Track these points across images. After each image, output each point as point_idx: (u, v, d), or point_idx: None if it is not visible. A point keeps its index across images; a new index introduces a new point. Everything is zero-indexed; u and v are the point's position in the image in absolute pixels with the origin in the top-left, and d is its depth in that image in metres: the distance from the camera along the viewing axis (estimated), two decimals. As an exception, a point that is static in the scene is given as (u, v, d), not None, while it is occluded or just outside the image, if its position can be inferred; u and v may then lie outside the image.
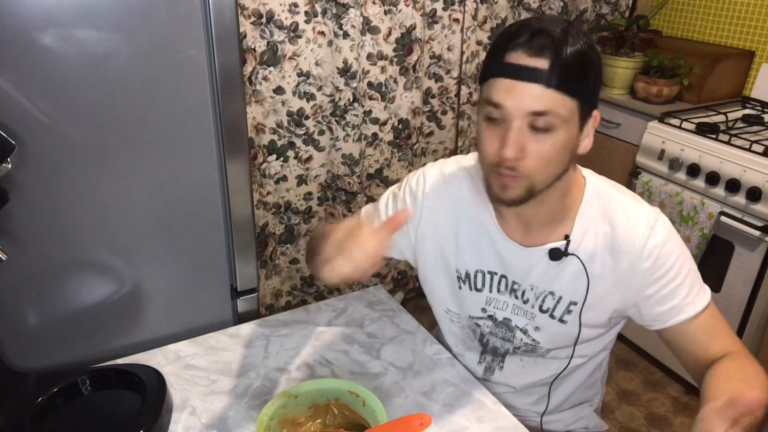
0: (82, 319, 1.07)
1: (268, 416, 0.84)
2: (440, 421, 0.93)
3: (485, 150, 0.84)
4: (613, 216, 0.91)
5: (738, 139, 1.86)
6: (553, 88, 0.77)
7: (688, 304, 0.90)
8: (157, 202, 1.06)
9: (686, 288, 0.90)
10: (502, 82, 0.79)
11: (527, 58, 0.77)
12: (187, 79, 1.00)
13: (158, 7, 0.94)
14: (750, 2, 2.24)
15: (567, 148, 0.82)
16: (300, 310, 1.20)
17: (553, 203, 0.91)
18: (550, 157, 0.81)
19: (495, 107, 0.80)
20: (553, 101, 0.77)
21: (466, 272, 1.01)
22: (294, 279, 2.19)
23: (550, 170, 0.83)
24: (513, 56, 0.78)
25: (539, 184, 0.84)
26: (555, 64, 0.76)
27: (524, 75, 0.77)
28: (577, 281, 0.93)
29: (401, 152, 2.17)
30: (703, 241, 1.88)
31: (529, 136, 0.79)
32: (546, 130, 0.79)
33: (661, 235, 0.89)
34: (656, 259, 0.89)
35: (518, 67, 0.77)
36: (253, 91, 1.81)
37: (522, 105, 0.78)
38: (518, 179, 0.82)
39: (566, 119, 0.79)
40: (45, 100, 0.91)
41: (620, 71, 2.28)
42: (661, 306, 0.91)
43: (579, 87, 0.79)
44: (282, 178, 1.99)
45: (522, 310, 0.99)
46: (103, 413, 0.93)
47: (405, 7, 1.93)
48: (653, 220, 0.90)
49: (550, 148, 0.80)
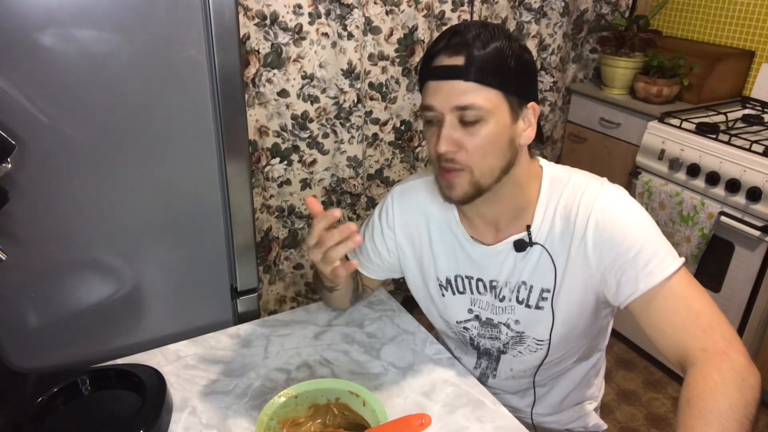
0: (82, 319, 1.07)
1: (268, 416, 0.84)
2: (440, 421, 0.93)
3: (429, 150, 0.90)
4: (567, 198, 0.92)
5: (738, 139, 1.86)
6: (472, 81, 0.83)
7: (650, 272, 0.86)
8: (156, 201, 1.06)
9: (646, 255, 0.86)
10: (431, 84, 0.86)
11: (447, 59, 0.84)
12: (187, 79, 1.00)
13: (158, 7, 0.94)
14: (750, 2, 2.24)
15: (502, 139, 0.86)
16: (300, 310, 1.20)
17: (512, 198, 0.94)
18: (484, 147, 0.85)
19: (428, 110, 0.87)
20: (475, 94, 0.83)
21: (446, 278, 1.03)
22: (298, 285, 2.18)
23: (490, 162, 0.87)
24: (437, 60, 0.85)
25: (482, 177, 0.88)
26: (469, 59, 0.82)
27: (445, 74, 0.84)
28: (545, 268, 0.95)
29: (403, 153, 2.16)
30: (703, 241, 1.88)
31: (461, 130, 0.85)
32: (474, 122, 0.84)
33: (605, 203, 0.89)
34: (602, 228, 0.88)
35: (440, 67, 0.84)
36: (257, 93, 1.80)
37: (447, 101, 0.84)
38: (460, 175, 0.87)
39: (491, 110, 0.84)
40: (45, 100, 0.91)
41: (620, 71, 2.28)
42: (623, 276, 0.88)
43: (499, 79, 0.84)
44: (285, 182, 1.98)
45: (500, 308, 1.01)
46: (103, 413, 0.93)
47: (407, 8, 1.92)
48: (597, 189, 0.91)
49: (483, 139, 0.85)
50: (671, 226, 1.94)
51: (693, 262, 1.93)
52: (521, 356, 1.04)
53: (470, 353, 1.11)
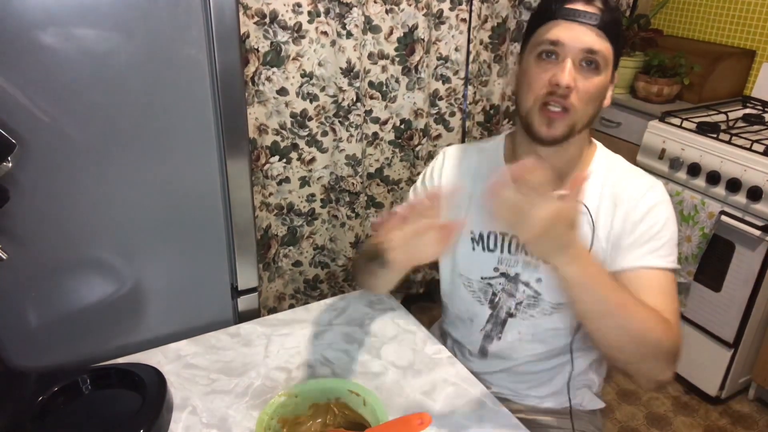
0: (83, 319, 1.07)
1: (269, 415, 0.84)
2: (440, 421, 0.93)
3: (535, 83, 0.92)
4: (619, 174, 1.00)
5: (739, 139, 1.86)
6: (602, 30, 0.90)
7: (645, 256, 0.94)
8: (157, 200, 1.06)
9: (656, 243, 0.94)
10: (562, 23, 0.91)
11: (583, 5, 0.90)
12: (188, 78, 1.00)
13: (158, 6, 0.93)
14: (751, 2, 2.24)
15: (602, 93, 0.94)
16: (300, 309, 1.20)
17: (574, 155, 1.00)
18: (592, 94, 0.91)
19: (553, 44, 0.90)
20: (602, 43, 0.90)
21: (479, 233, 1.06)
22: (297, 282, 2.18)
23: (591, 109, 0.93)
24: (571, 2, 0.91)
25: (579, 122, 0.93)
26: (605, 11, 0.90)
27: (582, 17, 0.90)
28: (583, 228, 0.96)
29: (403, 152, 2.16)
30: (704, 241, 1.88)
31: (578, 73, 0.90)
32: (594, 68, 0.90)
33: (657, 196, 0.97)
34: (646, 212, 0.96)
35: (576, 11, 0.90)
36: (256, 92, 1.80)
37: (579, 41, 0.89)
38: (565, 116, 0.91)
39: (607, 62, 0.91)
40: (45, 99, 0.91)
41: (621, 70, 2.26)
42: (627, 250, 0.96)
43: (617, 35, 0.92)
44: (285, 180, 1.98)
45: (529, 264, 1.03)
46: (103, 413, 0.93)
47: (407, 7, 1.92)
48: (653, 183, 1.00)
49: (594, 86, 0.91)
50: (671, 225, 1.94)
51: (693, 262, 1.93)
52: (533, 319, 1.04)
53: (481, 313, 1.09)
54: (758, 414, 2.03)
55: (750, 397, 2.09)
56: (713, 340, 1.98)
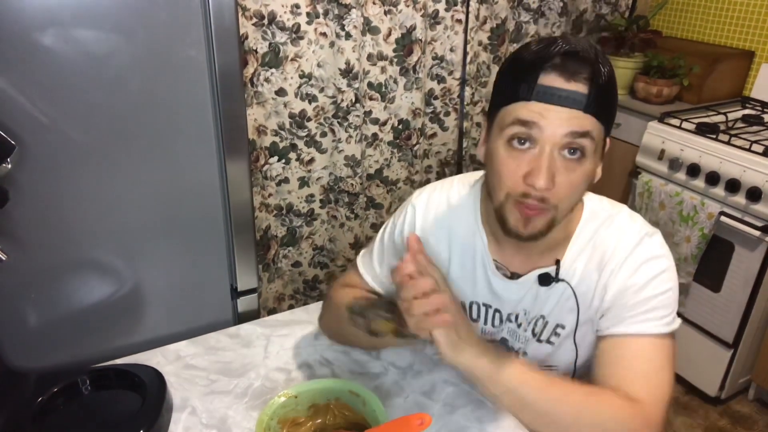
0: (82, 319, 1.07)
1: (268, 416, 0.84)
2: (440, 421, 0.93)
3: (507, 178, 0.77)
4: (605, 237, 0.88)
5: (738, 139, 1.86)
6: (590, 113, 0.73)
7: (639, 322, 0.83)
8: (157, 201, 1.06)
9: (649, 305, 0.83)
10: (534, 105, 0.74)
11: (565, 83, 0.73)
12: (187, 79, 1.00)
13: (158, 7, 0.94)
14: (750, 2, 2.24)
15: (590, 178, 0.79)
16: (300, 310, 1.20)
17: (556, 234, 0.87)
18: (577, 186, 0.77)
19: (525, 126, 0.75)
20: (590, 123, 0.74)
21: (461, 303, 0.98)
22: (296, 282, 2.18)
23: (573, 201, 0.80)
24: (548, 78, 0.73)
25: (560, 216, 0.80)
26: (593, 90, 0.72)
27: (562, 100, 0.73)
28: (565, 304, 0.91)
29: (401, 152, 2.17)
30: (703, 241, 1.88)
31: (559, 164, 0.75)
32: (578, 157, 0.75)
33: (646, 252, 0.85)
34: (633, 272, 0.84)
35: (555, 91, 0.73)
36: (255, 93, 1.81)
37: (561, 127, 0.73)
38: (544, 212, 0.77)
39: (597, 144, 0.77)
40: (45, 100, 0.91)
41: (620, 71, 2.28)
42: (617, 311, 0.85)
43: (608, 113, 0.76)
44: (284, 180, 1.99)
45: (516, 334, 0.98)
46: (103, 413, 0.93)
47: (405, 8, 1.93)
48: (642, 235, 0.86)
49: (579, 176, 0.76)
50: (671, 226, 1.94)
51: (693, 262, 1.93)
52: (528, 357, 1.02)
53: None
54: (758, 414, 2.03)
55: (750, 397, 2.09)
56: (713, 340, 1.98)
